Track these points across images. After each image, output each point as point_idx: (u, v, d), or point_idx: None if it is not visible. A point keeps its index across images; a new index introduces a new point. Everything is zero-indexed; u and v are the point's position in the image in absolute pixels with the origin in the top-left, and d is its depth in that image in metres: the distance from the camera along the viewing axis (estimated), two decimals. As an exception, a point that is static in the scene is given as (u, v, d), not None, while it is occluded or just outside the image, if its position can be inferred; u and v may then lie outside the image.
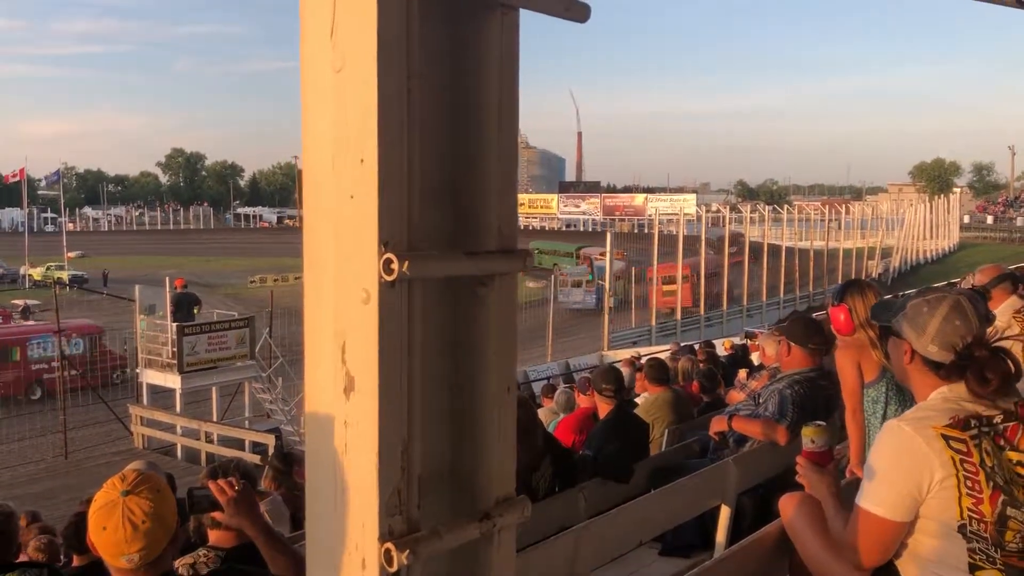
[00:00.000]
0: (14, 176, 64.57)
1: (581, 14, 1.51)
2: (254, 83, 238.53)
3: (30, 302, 38.39)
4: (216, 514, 2.55)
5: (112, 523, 2.02)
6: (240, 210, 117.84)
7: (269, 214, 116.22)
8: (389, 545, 1.27)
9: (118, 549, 2.03)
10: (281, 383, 19.68)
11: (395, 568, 1.27)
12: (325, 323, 1.34)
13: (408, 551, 1.27)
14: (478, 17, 1.42)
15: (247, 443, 16.65)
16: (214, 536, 2.94)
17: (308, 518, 1.48)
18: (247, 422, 18.77)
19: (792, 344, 4.41)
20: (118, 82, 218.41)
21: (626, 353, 21.14)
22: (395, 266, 1.24)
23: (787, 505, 2.24)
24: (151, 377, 18.67)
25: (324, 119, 1.30)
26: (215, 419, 18.20)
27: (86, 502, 7.73)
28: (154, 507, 2.05)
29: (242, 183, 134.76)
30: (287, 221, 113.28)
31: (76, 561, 4.99)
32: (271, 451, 15.53)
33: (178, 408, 18.24)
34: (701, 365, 9.11)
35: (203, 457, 16.74)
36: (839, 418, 3.97)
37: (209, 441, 16.98)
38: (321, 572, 1.39)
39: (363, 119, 1.25)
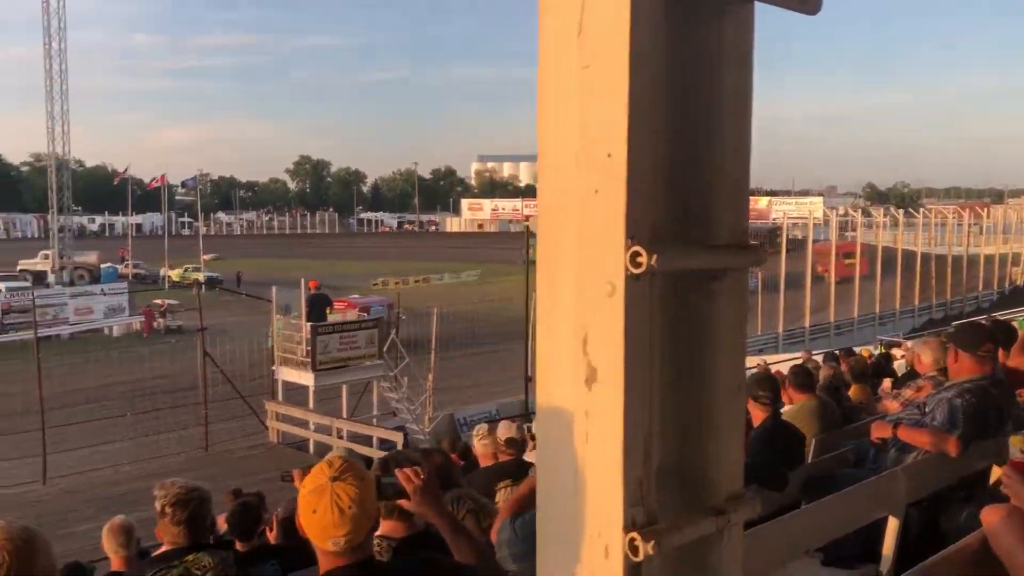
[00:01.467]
0: (156, 183, 68.51)
1: (813, 6, 1.49)
2: (375, 93, 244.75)
3: (169, 302, 40.50)
4: (402, 501, 2.62)
5: (321, 506, 2.11)
6: (362, 215, 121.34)
7: (389, 219, 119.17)
8: (635, 535, 1.28)
9: (326, 532, 2.12)
10: (407, 382, 20.14)
11: (640, 558, 1.28)
12: (564, 316, 1.37)
13: (653, 541, 1.28)
14: (716, 13, 1.42)
15: (375, 440, 17.11)
16: (386, 526, 3.03)
17: (540, 505, 1.51)
18: (375, 419, 19.28)
19: (960, 351, 4.21)
20: (249, 93, 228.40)
21: (752, 361, 20.67)
22: (642, 259, 1.25)
23: (992, 516, 2.14)
24: (286, 374, 19.44)
25: (568, 115, 1.33)
26: (345, 416, 18.76)
27: (233, 492, 8.06)
28: (359, 493, 2.13)
29: (364, 189, 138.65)
30: (407, 226, 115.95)
31: (239, 547, 5.24)
32: (399, 447, 15.92)
33: (311, 404, 18.90)
34: (845, 373, 8.82)
35: (334, 452, 17.29)
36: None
37: (339, 437, 17.53)
38: (556, 558, 1.41)
39: (612, 114, 1.27)
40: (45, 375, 19.18)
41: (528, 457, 6.44)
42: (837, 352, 10.69)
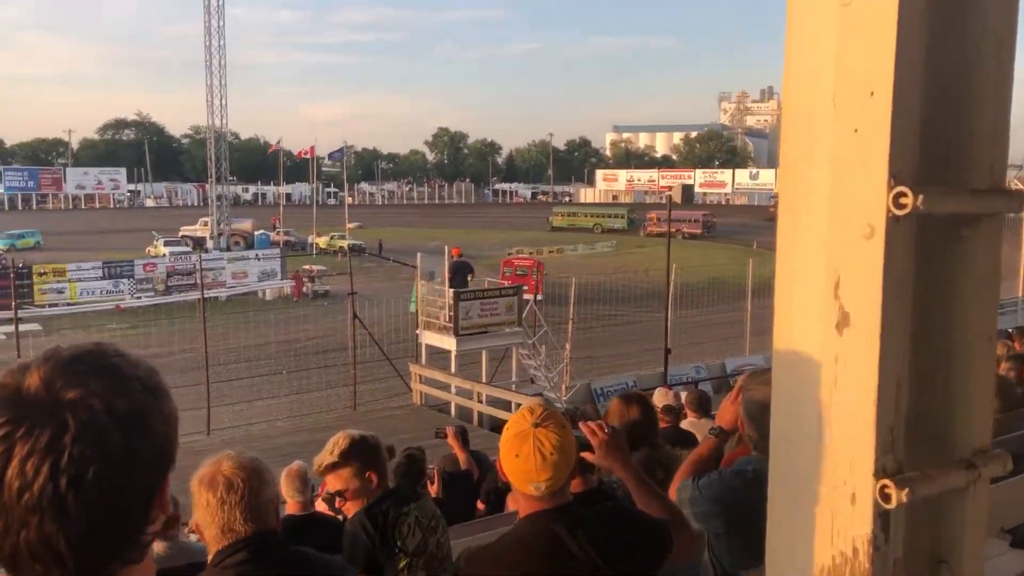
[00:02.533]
0: (304, 153, 71.29)
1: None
2: (511, 65, 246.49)
3: (316, 267, 42.21)
4: (586, 455, 2.66)
5: (524, 451, 2.17)
6: (497, 186, 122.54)
7: (524, 189, 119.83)
8: (887, 482, 1.26)
9: (527, 477, 2.18)
10: (544, 350, 20.32)
11: (893, 505, 1.26)
12: (812, 259, 1.35)
13: (907, 489, 1.26)
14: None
15: (513, 405, 17.36)
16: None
17: (774, 451, 1.50)
18: (513, 386, 19.58)
19: None
20: (390, 67, 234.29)
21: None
22: (907, 200, 1.21)
23: None
24: (429, 338, 19.99)
25: (823, 54, 1.30)
26: (484, 381, 19.12)
27: (387, 449, 8.33)
28: (560, 440, 2.19)
29: (499, 160, 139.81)
30: (541, 197, 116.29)
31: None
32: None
33: (452, 368, 19.37)
34: (1017, 349, 8.29)
35: (475, 416, 17.68)
36: None
37: (480, 401, 17.90)
38: (792, 505, 1.41)
39: (877, 52, 1.23)
40: (207, 334, 20.40)
41: (685, 425, 6.40)
42: (1011, 330, 10.02)
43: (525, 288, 28.99)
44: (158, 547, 4.68)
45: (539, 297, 21.05)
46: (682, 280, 24.88)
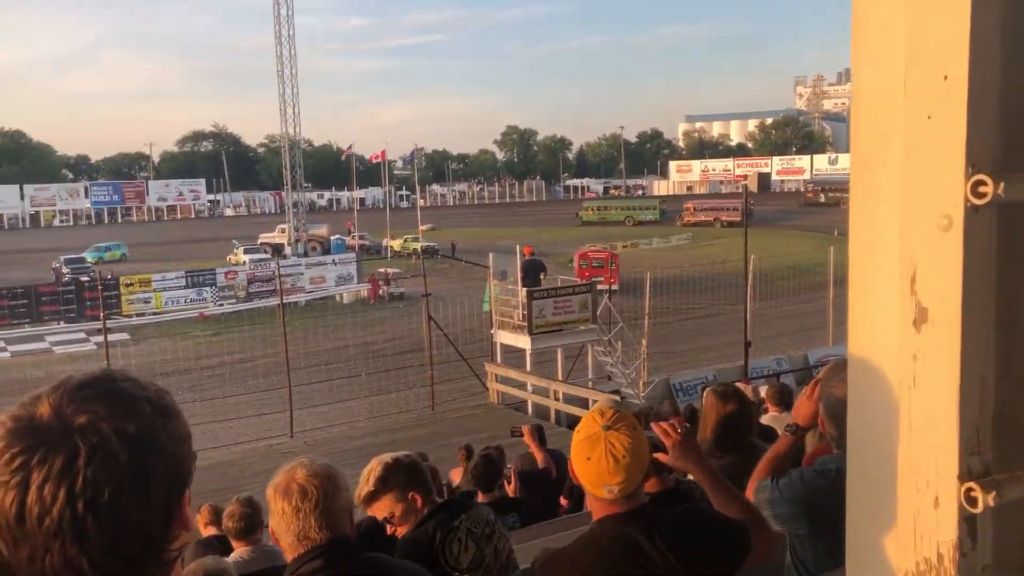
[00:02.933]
0: (376, 158, 72.34)
1: None
2: (579, 59, 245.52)
3: (391, 270, 42.78)
4: (659, 455, 2.62)
5: (596, 454, 2.15)
6: (568, 182, 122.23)
7: (595, 184, 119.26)
8: (972, 485, 1.20)
9: (600, 479, 2.16)
10: (620, 347, 20.19)
11: (980, 509, 1.20)
12: (885, 252, 1.29)
13: (994, 493, 1.20)
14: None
15: (590, 403, 17.28)
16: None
17: (851, 451, 1.45)
18: (590, 383, 19.50)
19: None
20: (458, 67, 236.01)
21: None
22: (987, 188, 1.16)
23: None
24: (503, 337, 20.07)
25: (893, 36, 1.24)
26: (560, 378, 19.10)
27: (465, 448, 8.39)
28: (632, 443, 2.16)
29: (570, 156, 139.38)
30: (613, 191, 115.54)
31: (481, 498, 5.48)
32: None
33: (528, 367, 19.41)
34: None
35: (552, 414, 17.67)
36: None
37: (556, 399, 17.88)
38: (872, 508, 1.35)
39: (951, 34, 1.18)
40: (287, 338, 20.84)
41: (766, 420, 6.27)
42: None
43: (600, 279, 29.63)
44: (241, 551, 4.81)
45: (615, 288, 20.94)
46: (761, 270, 24.40)
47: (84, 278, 40.92)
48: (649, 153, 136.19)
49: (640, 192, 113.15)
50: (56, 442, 1.03)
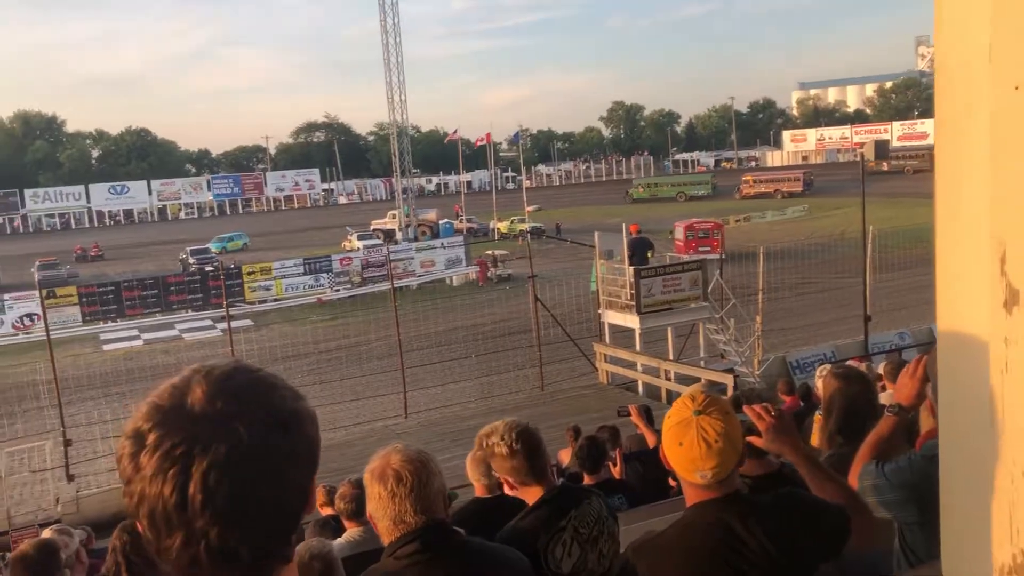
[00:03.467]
0: (481, 141, 72.95)
1: None
2: (686, 29, 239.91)
3: (498, 252, 43.12)
4: (753, 439, 2.56)
5: (688, 440, 2.13)
6: (678, 156, 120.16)
7: (706, 158, 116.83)
8: (1071, 476, 1.13)
9: (693, 465, 2.14)
10: (733, 324, 19.78)
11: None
12: (973, 230, 1.23)
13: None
14: None
15: (703, 381, 17.02)
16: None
17: (942, 439, 1.39)
18: (702, 362, 19.20)
19: None
20: (561, 45, 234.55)
21: None
22: (1081, 160, 1.08)
23: None
24: (611, 317, 19.96)
25: (978, 9, 1.17)
26: (671, 358, 18.87)
27: (573, 429, 8.40)
28: (725, 427, 2.13)
29: (679, 129, 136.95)
30: (724, 164, 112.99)
31: (587, 480, 5.49)
32: (729, 391, 15.72)
33: (637, 346, 19.25)
34: None
35: (663, 393, 17.50)
36: None
37: (667, 379, 17.69)
38: (966, 492, 1.29)
39: (1037, -5, 1.10)
40: (399, 321, 21.33)
41: (884, 399, 6.04)
42: None
43: (708, 249, 29.14)
44: (352, 532, 4.96)
45: (723, 256, 20.48)
46: (881, 240, 23.40)
47: (208, 268, 42.88)
48: (761, 123, 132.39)
49: (753, 164, 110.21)
50: (217, 431, 1.07)
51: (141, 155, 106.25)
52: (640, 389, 18.69)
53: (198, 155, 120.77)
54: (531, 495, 3.11)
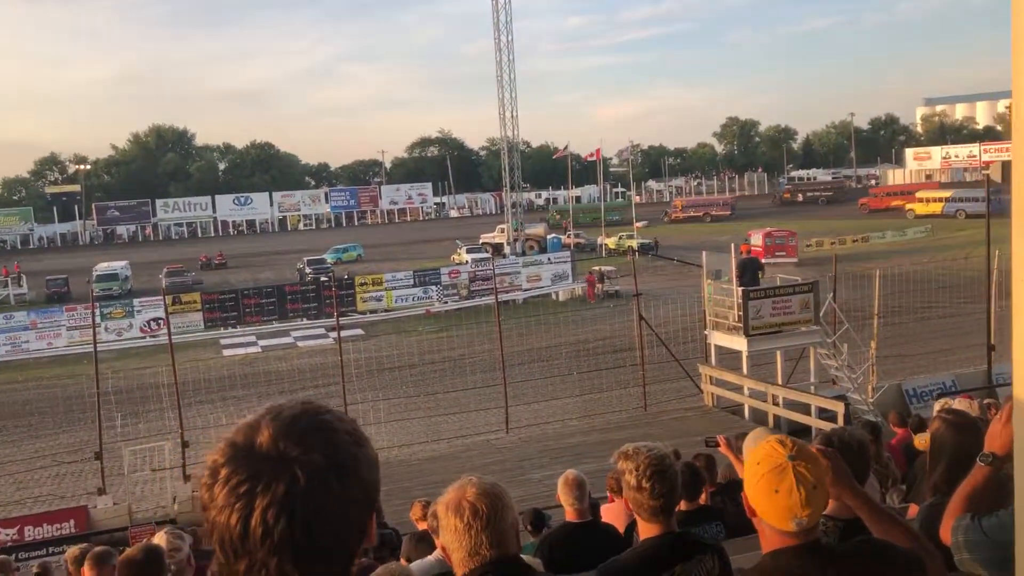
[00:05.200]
0: (591, 156, 72.97)
1: None
2: (806, 44, 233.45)
3: (605, 268, 42.92)
4: None
5: (784, 487, 2.06)
6: (793, 173, 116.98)
7: (823, 175, 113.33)
8: None
9: (790, 512, 2.06)
10: (847, 349, 19.07)
11: None
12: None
13: None
14: None
15: (813, 409, 16.50)
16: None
17: (1018, 489, 1.30)
18: (812, 387, 18.57)
19: None
20: (676, 61, 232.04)
21: None
22: None
23: None
24: (718, 339, 19.54)
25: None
26: (780, 382, 18.34)
27: (673, 453, 8.22)
28: (820, 473, 2.08)
29: (795, 146, 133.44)
30: (843, 182, 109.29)
31: (683, 506, 5.35)
32: (839, 419, 15.16)
33: (744, 370, 18.78)
34: None
35: (770, 419, 17.02)
36: None
37: (775, 404, 17.19)
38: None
39: None
40: (503, 336, 21.46)
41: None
42: None
43: (784, 254, 28.87)
44: (441, 551, 5.01)
45: (796, 261, 19.81)
46: (1007, 266, 22.14)
47: (324, 278, 44.29)
48: (883, 140, 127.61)
49: (873, 182, 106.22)
50: (278, 471, 1.17)
51: (264, 168, 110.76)
52: (746, 414, 18.23)
53: (317, 168, 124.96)
54: (647, 528, 3.09)
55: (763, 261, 23.65)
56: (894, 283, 24.31)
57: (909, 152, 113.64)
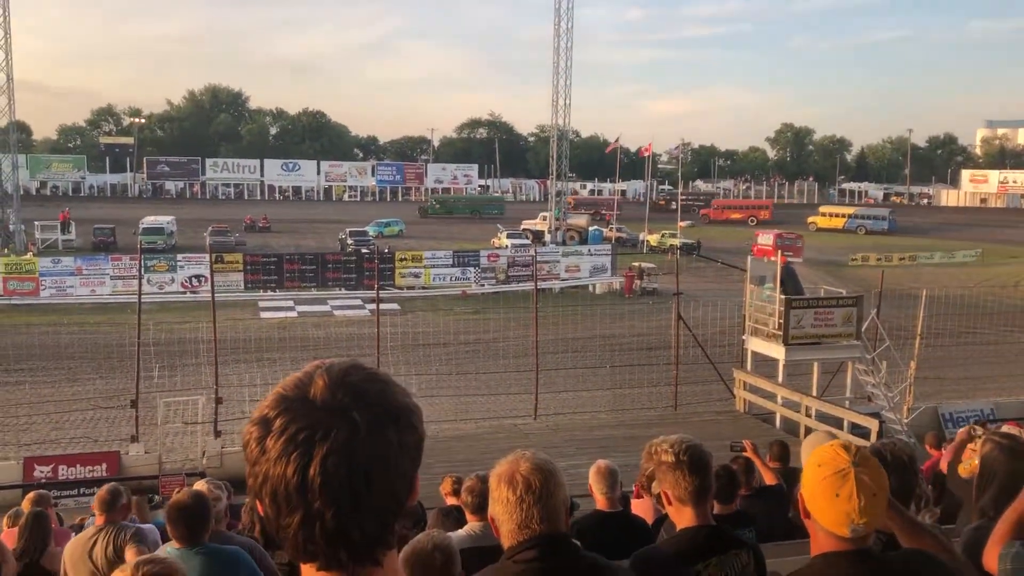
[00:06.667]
0: (645, 151, 72.49)
1: None
2: (870, 55, 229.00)
3: (646, 265, 42.68)
4: None
5: (845, 491, 2.04)
6: (844, 185, 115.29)
7: (875, 190, 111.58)
8: None
9: (848, 518, 2.05)
10: (885, 367, 18.81)
11: None
12: None
13: None
14: None
15: (846, 423, 16.31)
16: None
17: None
18: (847, 402, 18.34)
19: None
20: (735, 61, 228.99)
21: None
22: None
23: None
24: (755, 345, 19.35)
25: None
26: (815, 394, 18.14)
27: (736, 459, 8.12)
28: (882, 479, 2.07)
29: (849, 158, 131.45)
30: (894, 198, 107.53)
31: (717, 508, 5.31)
32: (873, 436, 14.97)
33: (780, 378, 18.60)
34: None
35: (801, 430, 16.82)
36: None
37: (808, 415, 17.01)
38: None
39: None
40: (539, 322, 21.44)
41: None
42: None
43: (791, 254, 29.08)
44: (474, 525, 5.03)
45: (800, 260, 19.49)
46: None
47: (365, 250, 44.57)
48: (940, 160, 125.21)
49: (925, 201, 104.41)
50: (336, 420, 1.16)
51: (314, 136, 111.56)
52: (778, 422, 18.07)
53: (366, 141, 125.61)
54: (683, 517, 3.07)
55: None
56: (939, 305, 23.89)
57: (965, 173, 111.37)
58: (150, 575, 2.22)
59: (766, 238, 53.79)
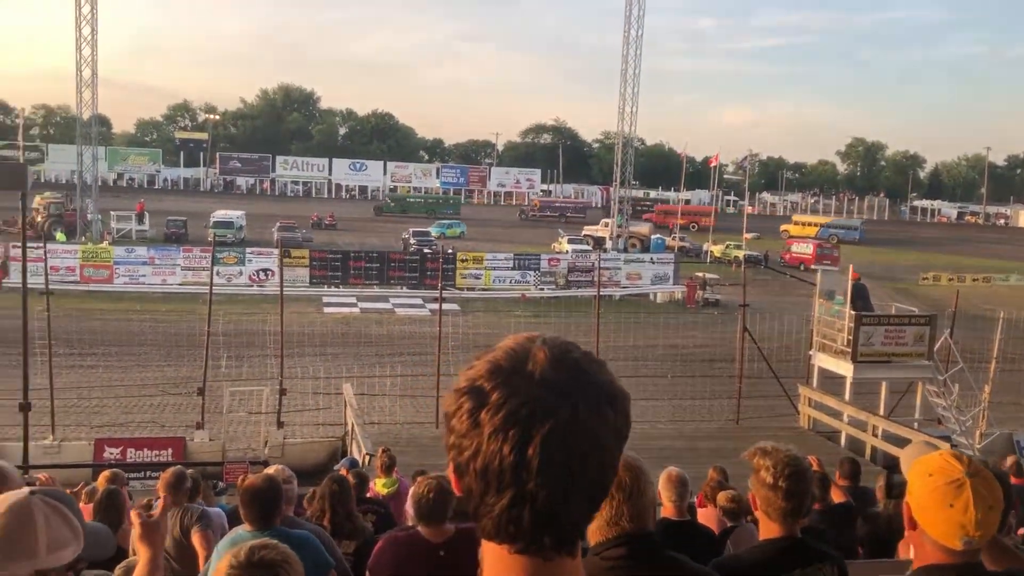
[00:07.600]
0: (714, 161, 71.77)
1: None
2: (945, 70, 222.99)
3: (709, 275, 42.17)
4: None
5: (960, 502, 1.97)
6: (916, 202, 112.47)
7: (948, 208, 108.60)
8: None
9: (962, 529, 1.97)
10: (957, 390, 18.23)
11: None
12: None
13: None
14: None
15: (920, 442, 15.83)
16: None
17: None
18: (916, 424, 17.82)
19: None
20: (805, 73, 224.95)
21: None
22: None
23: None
24: (823, 361, 18.93)
25: None
26: (882, 414, 17.66)
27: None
28: (996, 492, 1.98)
29: (922, 175, 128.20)
30: (968, 217, 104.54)
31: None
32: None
33: (847, 396, 18.16)
34: None
35: (867, 449, 16.42)
36: None
37: (875, 435, 16.56)
38: None
39: None
40: (599, 329, 21.27)
41: None
42: None
43: (829, 263, 28.08)
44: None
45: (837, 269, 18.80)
46: None
47: (427, 250, 44.93)
48: (1019, 179, 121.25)
49: (1002, 221, 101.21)
50: (558, 398, 1.09)
51: (381, 137, 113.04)
52: (843, 440, 17.63)
53: (432, 143, 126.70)
54: (767, 529, 3.01)
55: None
56: (1017, 327, 23.07)
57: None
58: (267, 560, 2.22)
59: (801, 246, 56.92)
